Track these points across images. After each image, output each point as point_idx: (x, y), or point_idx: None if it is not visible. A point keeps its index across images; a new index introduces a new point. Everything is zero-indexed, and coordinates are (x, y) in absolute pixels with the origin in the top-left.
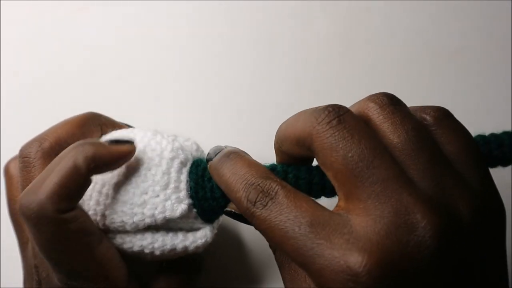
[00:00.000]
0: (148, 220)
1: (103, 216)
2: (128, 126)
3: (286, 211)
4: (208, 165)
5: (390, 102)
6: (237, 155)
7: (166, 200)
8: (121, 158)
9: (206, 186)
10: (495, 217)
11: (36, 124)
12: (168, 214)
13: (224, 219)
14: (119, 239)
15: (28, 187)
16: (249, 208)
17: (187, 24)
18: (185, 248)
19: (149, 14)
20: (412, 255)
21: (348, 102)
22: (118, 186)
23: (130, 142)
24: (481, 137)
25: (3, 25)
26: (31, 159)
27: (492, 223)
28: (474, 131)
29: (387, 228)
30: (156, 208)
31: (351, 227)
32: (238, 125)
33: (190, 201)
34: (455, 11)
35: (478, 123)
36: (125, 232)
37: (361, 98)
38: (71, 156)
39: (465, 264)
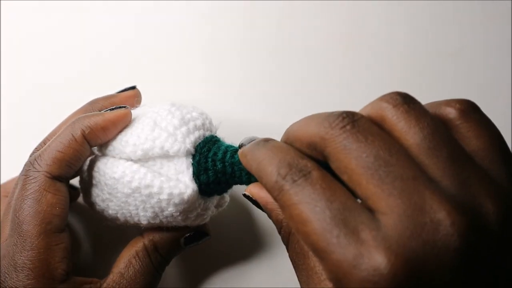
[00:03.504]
0: (157, 150)
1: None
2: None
3: (319, 191)
4: (239, 151)
5: (404, 101)
6: (276, 141)
7: (176, 136)
8: (118, 122)
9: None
10: None
11: (36, 124)
12: (176, 147)
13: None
14: (109, 164)
15: (37, 152)
16: (278, 182)
17: (187, 24)
18: (171, 195)
19: (148, 13)
20: (438, 257)
21: (348, 100)
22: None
23: (124, 107)
24: None
25: (3, 25)
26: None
27: None
28: None
29: (412, 228)
30: (167, 140)
31: (379, 223)
32: (235, 127)
33: (194, 151)
34: (455, 11)
35: None
36: (120, 159)
37: (361, 97)
38: (68, 128)
39: (492, 268)
